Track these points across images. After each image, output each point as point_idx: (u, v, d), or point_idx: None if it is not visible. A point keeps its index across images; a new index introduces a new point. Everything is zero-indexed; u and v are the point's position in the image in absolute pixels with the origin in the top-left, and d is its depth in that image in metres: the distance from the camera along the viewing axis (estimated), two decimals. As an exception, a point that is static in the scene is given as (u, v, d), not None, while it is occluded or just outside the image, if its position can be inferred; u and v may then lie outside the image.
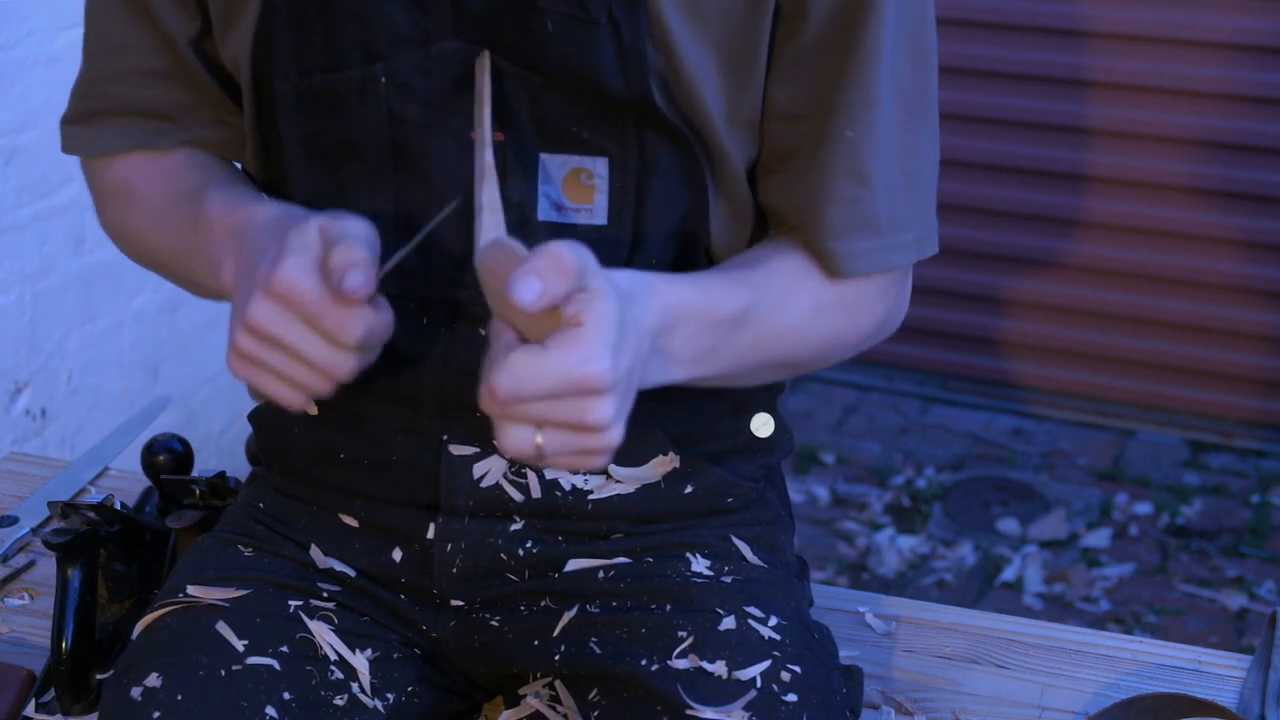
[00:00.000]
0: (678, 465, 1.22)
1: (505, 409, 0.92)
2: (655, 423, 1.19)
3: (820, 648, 1.21)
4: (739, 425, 1.26)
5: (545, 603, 1.22)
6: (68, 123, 1.27)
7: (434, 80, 1.11)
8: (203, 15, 1.19)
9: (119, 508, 1.43)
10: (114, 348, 2.80)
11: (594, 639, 1.19)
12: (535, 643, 1.21)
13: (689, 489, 1.23)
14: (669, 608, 1.19)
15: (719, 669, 1.13)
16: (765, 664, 1.14)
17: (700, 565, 1.22)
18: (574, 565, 1.21)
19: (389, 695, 1.19)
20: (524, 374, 0.91)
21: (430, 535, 1.20)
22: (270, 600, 1.20)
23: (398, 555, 1.22)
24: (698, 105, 1.11)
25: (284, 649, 1.17)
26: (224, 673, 1.14)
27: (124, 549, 1.42)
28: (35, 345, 2.59)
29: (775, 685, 1.13)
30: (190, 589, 1.20)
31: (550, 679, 1.22)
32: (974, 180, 3.75)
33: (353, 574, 1.24)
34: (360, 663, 1.19)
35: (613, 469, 1.20)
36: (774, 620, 1.19)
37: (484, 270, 0.98)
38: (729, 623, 1.17)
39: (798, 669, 1.15)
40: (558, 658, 1.20)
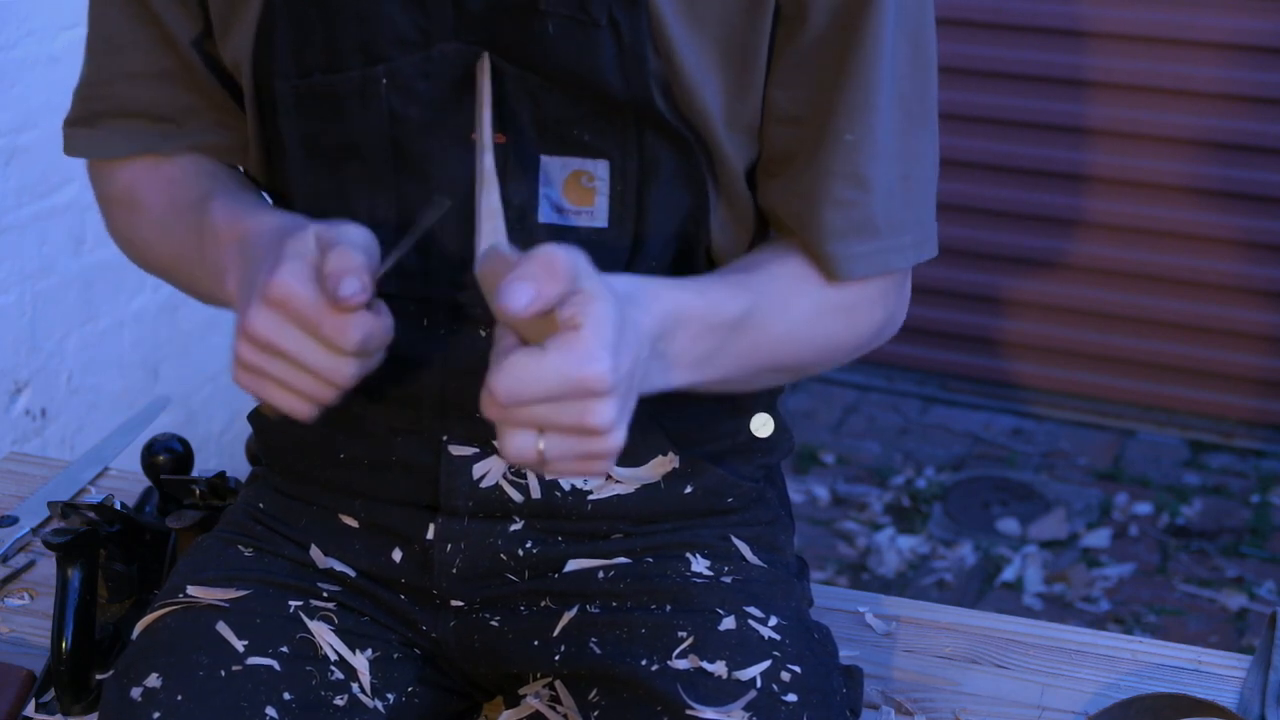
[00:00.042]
0: (677, 465, 1.22)
1: (506, 412, 0.92)
2: (655, 423, 1.19)
3: (820, 648, 1.21)
4: (739, 425, 1.26)
5: (545, 603, 1.22)
6: (70, 124, 1.27)
7: (434, 81, 1.11)
8: (204, 16, 1.19)
9: (119, 508, 1.43)
10: (114, 348, 2.80)
11: (594, 639, 1.19)
12: (535, 643, 1.21)
13: (689, 489, 1.23)
14: (669, 608, 1.19)
15: (719, 669, 1.13)
16: (765, 664, 1.14)
17: (700, 565, 1.22)
18: (574, 565, 1.21)
19: (389, 695, 1.19)
20: (523, 376, 0.91)
21: (430, 535, 1.21)
22: (270, 600, 1.20)
23: (397, 555, 1.22)
24: (698, 107, 1.10)
25: (284, 649, 1.17)
26: (224, 673, 1.14)
27: (124, 549, 1.41)
28: (35, 345, 2.59)
29: (775, 685, 1.13)
30: (190, 589, 1.20)
31: (550, 679, 1.22)
32: (974, 180, 3.75)
33: (353, 574, 1.24)
34: (360, 663, 1.19)
35: (612, 469, 1.20)
36: (774, 620, 1.19)
37: (482, 277, 0.98)
38: (729, 623, 1.17)
39: (798, 669, 1.15)
40: (558, 658, 1.20)
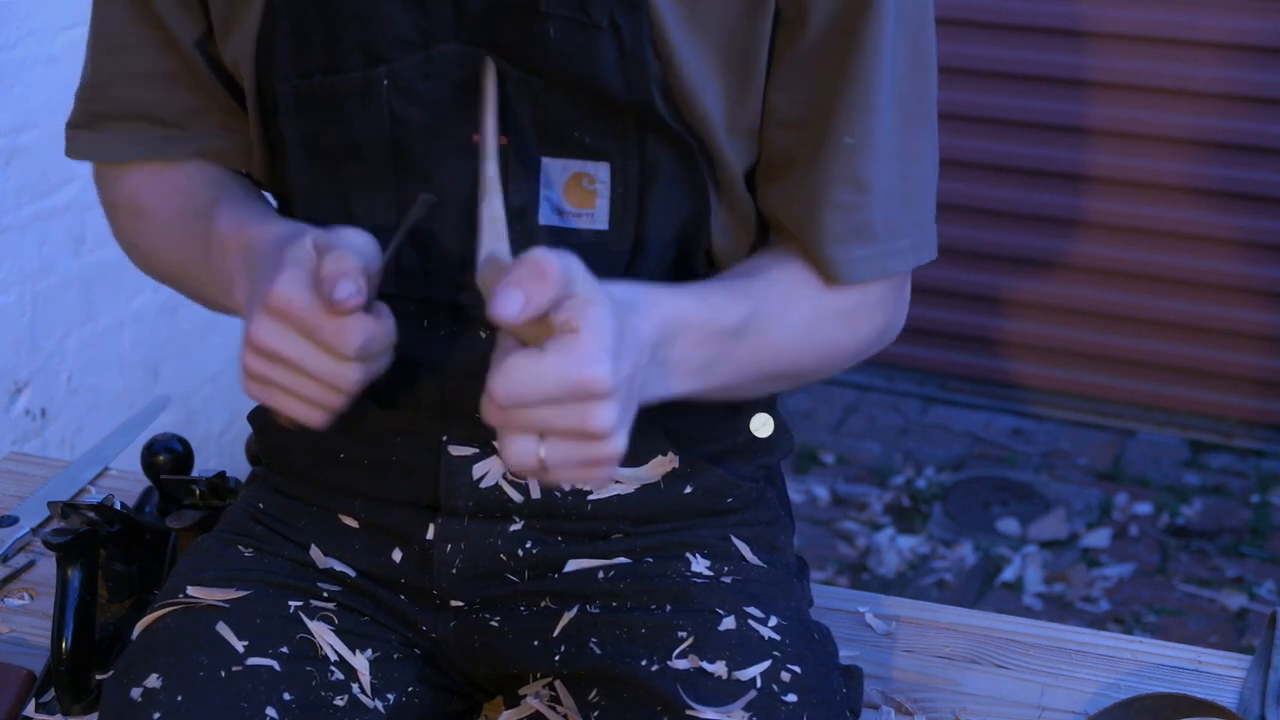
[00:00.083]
0: (677, 465, 1.22)
1: (506, 416, 0.92)
2: (655, 423, 1.19)
3: (820, 648, 1.20)
4: (738, 425, 1.26)
5: (545, 603, 1.22)
6: (73, 127, 1.26)
7: (435, 82, 1.11)
8: (207, 17, 1.19)
9: (119, 508, 1.43)
10: (114, 348, 2.80)
11: (594, 639, 1.19)
12: (535, 643, 1.21)
13: (689, 489, 1.23)
14: (669, 608, 1.19)
15: (719, 669, 1.13)
16: (765, 664, 1.14)
17: (700, 565, 1.22)
18: (574, 565, 1.21)
19: (389, 696, 1.19)
20: (521, 377, 0.90)
21: (430, 536, 1.20)
22: (270, 601, 1.20)
23: (397, 556, 1.22)
24: (698, 111, 1.10)
25: (284, 649, 1.17)
26: (224, 673, 1.14)
27: (124, 549, 1.41)
28: (35, 345, 2.59)
29: (775, 685, 1.13)
30: (190, 590, 1.20)
31: (550, 679, 1.22)
32: (974, 180, 3.75)
33: (353, 574, 1.24)
34: (360, 663, 1.19)
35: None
36: (774, 620, 1.19)
37: (482, 284, 0.98)
38: (729, 623, 1.17)
39: (798, 669, 1.15)
40: (558, 658, 1.20)
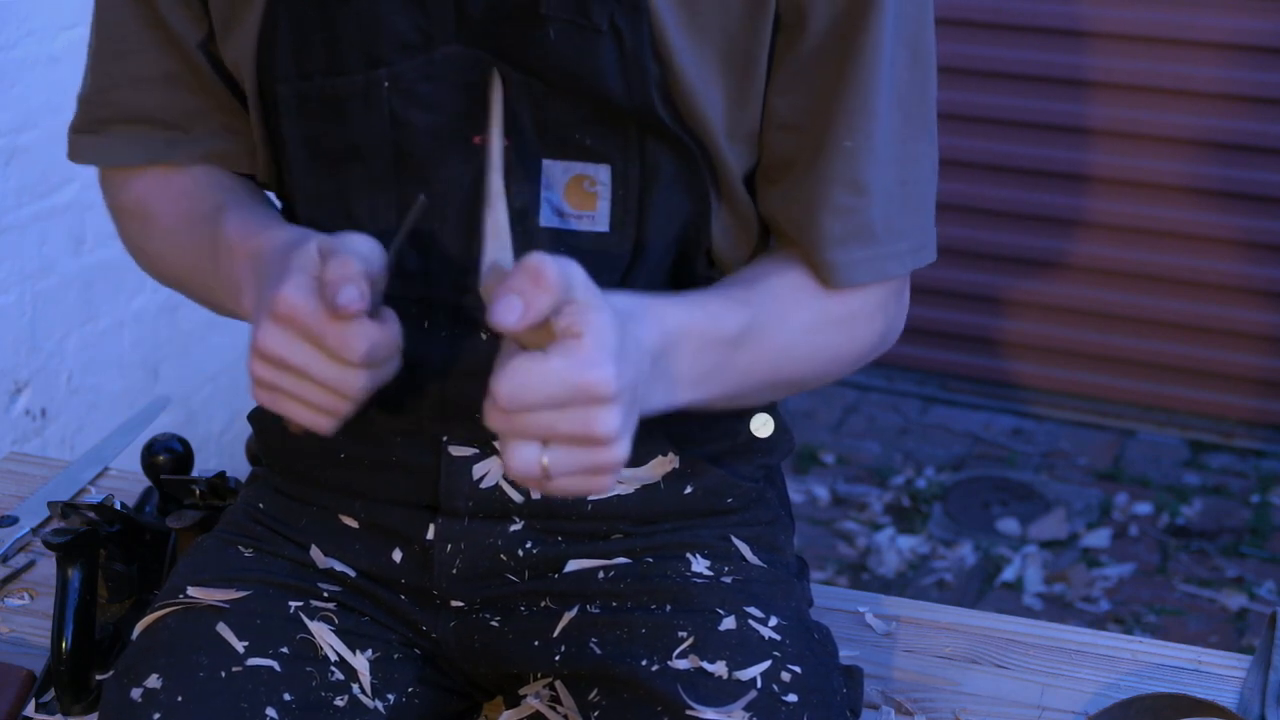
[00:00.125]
0: (677, 465, 1.22)
1: (509, 420, 0.91)
2: (655, 423, 1.19)
3: (820, 648, 1.20)
4: (739, 425, 1.26)
5: (545, 603, 1.22)
6: (76, 131, 1.26)
7: (436, 85, 1.11)
8: (209, 18, 1.18)
9: (119, 508, 1.43)
10: (114, 348, 2.80)
11: (594, 639, 1.19)
12: (535, 643, 1.21)
13: (689, 489, 1.23)
14: (669, 608, 1.19)
15: (719, 669, 1.13)
16: (765, 664, 1.14)
17: (700, 565, 1.22)
18: (574, 565, 1.21)
19: (389, 696, 1.19)
20: (526, 380, 0.90)
21: (430, 536, 1.20)
22: (270, 601, 1.20)
23: (398, 556, 1.22)
24: (699, 114, 1.10)
25: (284, 650, 1.17)
26: (224, 674, 1.14)
27: (124, 549, 1.41)
28: (35, 345, 2.59)
29: (775, 685, 1.13)
30: (190, 590, 1.20)
31: (550, 679, 1.22)
32: (974, 180, 3.75)
33: (353, 574, 1.24)
34: (360, 663, 1.19)
35: None
36: (774, 620, 1.19)
37: (484, 293, 0.97)
38: (729, 623, 1.17)
39: (798, 669, 1.15)
40: (558, 658, 1.20)
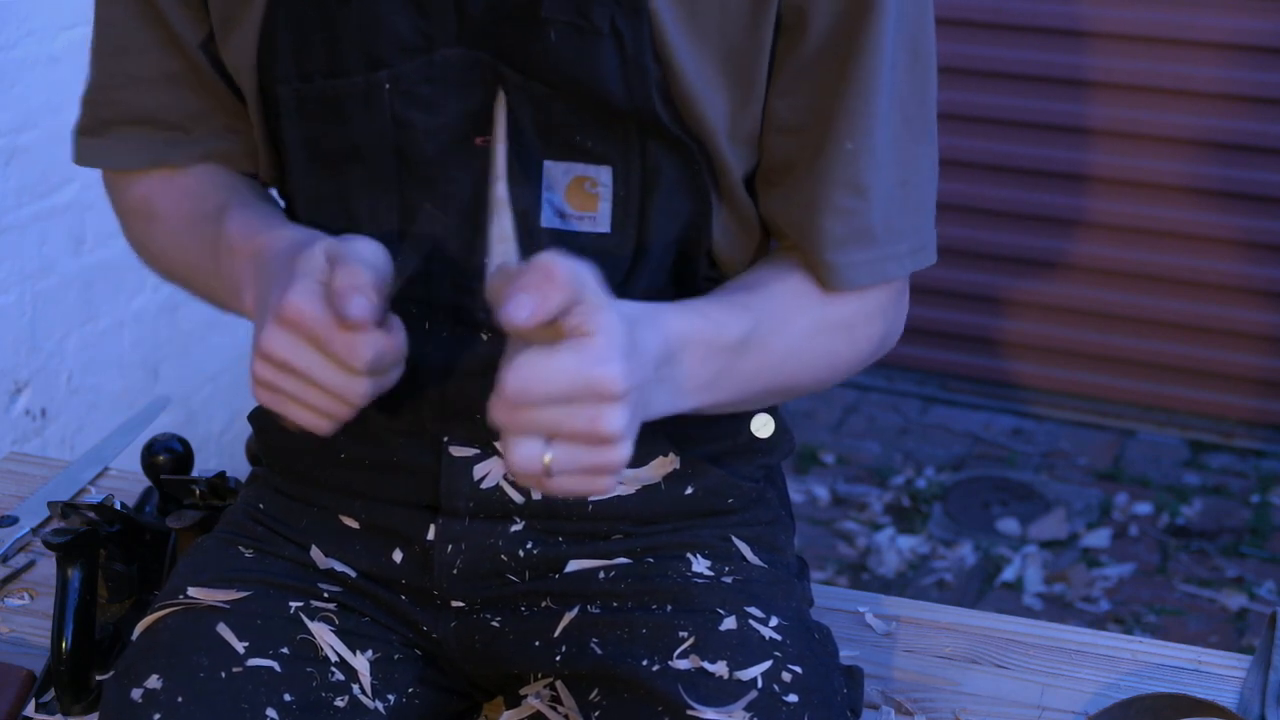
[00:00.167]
0: (678, 466, 1.22)
1: (515, 414, 0.91)
2: (656, 424, 1.19)
3: (821, 648, 1.20)
4: (739, 426, 1.26)
5: (546, 603, 1.22)
6: (79, 133, 1.27)
7: (437, 87, 1.11)
8: (209, 18, 1.18)
9: (119, 508, 1.43)
10: (114, 348, 2.80)
11: (595, 639, 1.19)
12: (536, 643, 1.21)
13: (689, 490, 1.23)
14: (670, 608, 1.19)
15: (720, 669, 1.13)
16: (766, 664, 1.14)
17: (701, 566, 1.22)
18: (574, 566, 1.21)
19: (390, 696, 1.19)
20: (535, 374, 0.90)
21: (430, 536, 1.20)
22: (271, 601, 1.20)
23: (398, 556, 1.22)
24: (699, 116, 1.10)
25: (284, 650, 1.17)
26: (224, 674, 1.14)
27: (124, 549, 1.41)
28: (35, 345, 2.59)
29: (776, 686, 1.13)
30: (191, 590, 1.20)
31: (551, 679, 1.22)
32: (974, 180, 3.75)
33: (353, 575, 1.24)
34: (361, 664, 1.19)
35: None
36: (775, 620, 1.19)
37: (491, 296, 0.98)
38: (730, 623, 1.17)
39: (799, 669, 1.15)
40: (558, 658, 1.20)
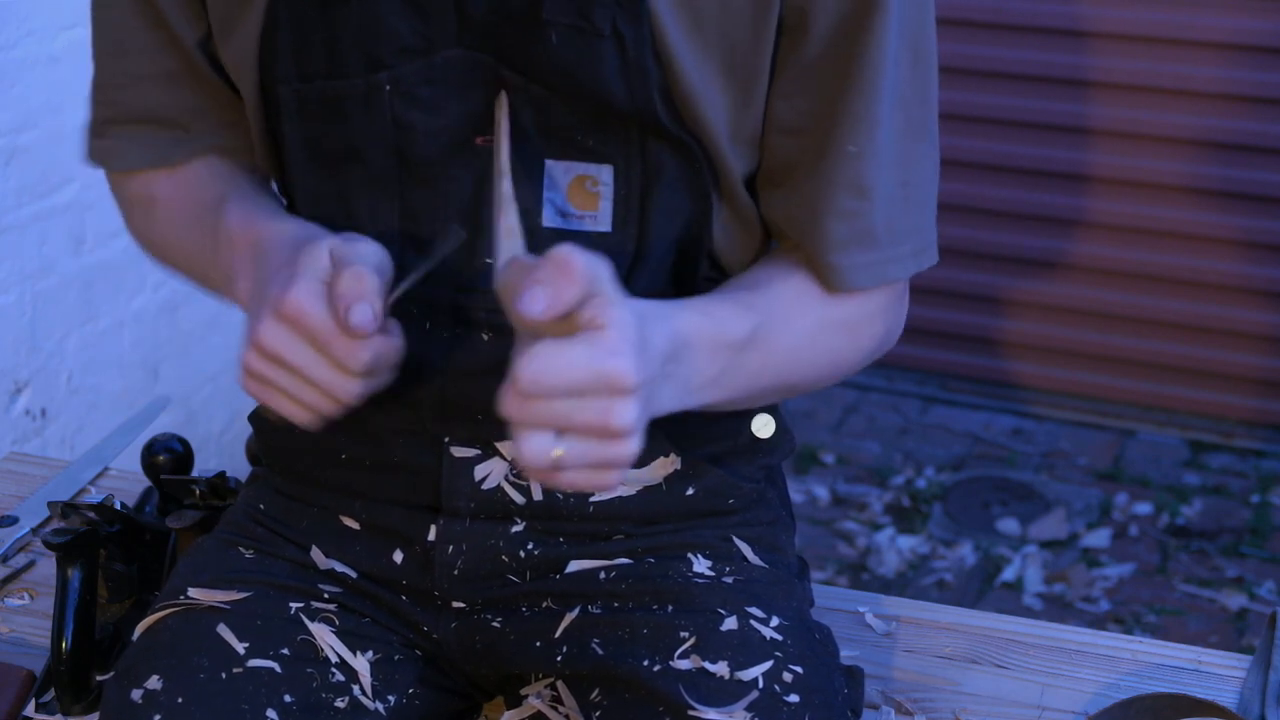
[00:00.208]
0: (679, 467, 1.22)
1: (526, 406, 0.90)
2: (657, 424, 1.19)
3: (822, 648, 1.20)
4: (740, 426, 1.26)
5: (547, 604, 1.22)
6: (87, 132, 1.28)
7: (438, 88, 1.11)
8: (208, 17, 1.19)
9: (119, 508, 1.43)
10: (114, 348, 2.80)
11: (596, 640, 1.19)
12: (537, 644, 1.21)
13: (690, 490, 1.23)
14: (671, 608, 1.19)
15: (721, 669, 1.13)
16: (767, 664, 1.14)
17: (702, 566, 1.22)
18: (575, 566, 1.21)
19: (390, 697, 1.19)
20: (549, 365, 0.89)
21: (431, 537, 1.20)
22: (271, 602, 1.20)
23: (399, 557, 1.22)
24: (701, 117, 1.10)
25: (285, 651, 1.17)
26: (225, 675, 1.14)
27: (124, 549, 1.41)
28: (35, 345, 2.59)
29: (777, 686, 1.13)
30: (191, 591, 1.20)
31: (552, 680, 1.22)
32: (974, 180, 3.75)
33: (354, 575, 1.24)
34: (361, 664, 1.19)
35: None
36: (775, 621, 1.19)
37: (503, 290, 0.98)
38: (731, 623, 1.17)
39: (800, 669, 1.15)
40: (559, 659, 1.20)
